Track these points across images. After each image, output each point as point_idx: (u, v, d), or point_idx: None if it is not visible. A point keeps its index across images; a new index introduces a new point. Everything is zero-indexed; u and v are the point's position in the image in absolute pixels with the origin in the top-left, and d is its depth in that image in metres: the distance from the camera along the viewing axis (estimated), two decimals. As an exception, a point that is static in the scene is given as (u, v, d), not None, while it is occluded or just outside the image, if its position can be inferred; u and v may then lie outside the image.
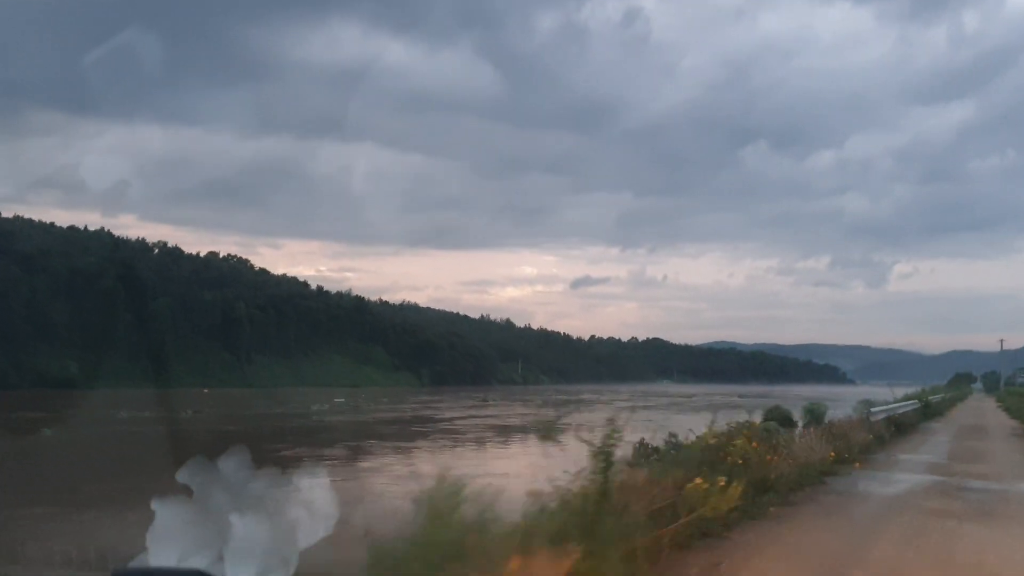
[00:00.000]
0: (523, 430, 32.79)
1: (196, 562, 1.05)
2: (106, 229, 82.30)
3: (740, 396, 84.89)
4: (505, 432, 35.39)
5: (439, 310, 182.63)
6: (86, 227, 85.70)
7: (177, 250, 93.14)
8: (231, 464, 1.15)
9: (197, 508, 1.14)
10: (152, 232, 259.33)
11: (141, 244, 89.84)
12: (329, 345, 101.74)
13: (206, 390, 76.45)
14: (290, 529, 1.12)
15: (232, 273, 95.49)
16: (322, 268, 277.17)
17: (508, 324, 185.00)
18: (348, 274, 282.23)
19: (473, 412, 47.48)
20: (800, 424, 25.80)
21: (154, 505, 1.11)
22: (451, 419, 39.92)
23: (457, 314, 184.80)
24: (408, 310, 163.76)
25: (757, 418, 35.89)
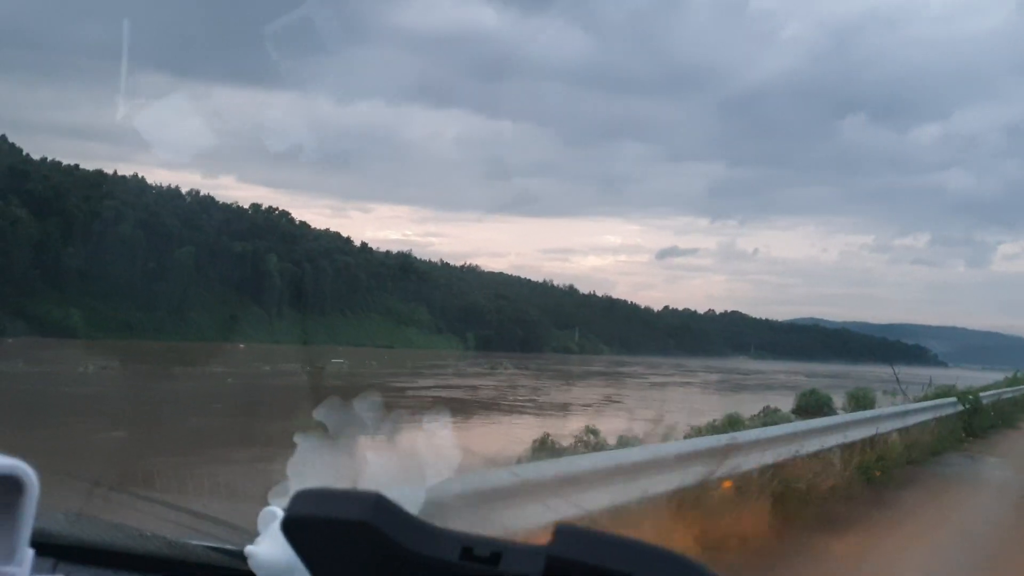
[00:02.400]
0: (476, 407, 26.36)
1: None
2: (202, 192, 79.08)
3: (807, 376, 77.02)
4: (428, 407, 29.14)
5: (506, 274, 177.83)
6: (115, 172, 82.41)
7: (209, 198, 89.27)
8: (363, 404, 1.26)
9: (333, 444, 1.23)
10: (248, 194, 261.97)
11: (171, 191, 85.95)
12: (369, 304, 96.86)
13: (242, 345, 72.93)
14: (418, 466, 1.21)
15: (267, 225, 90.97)
16: (408, 233, 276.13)
17: (571, 290, 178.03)
18: (433, 239, 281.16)
19: (460, 381, 41.12)
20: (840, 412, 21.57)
21: (295, 439, 1.20)
22: (414, 388, 33.68)
23: (519, 278, 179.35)
24: (468, 273, 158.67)
25: (787, 404, 27.37)
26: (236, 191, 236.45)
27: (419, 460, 1.25)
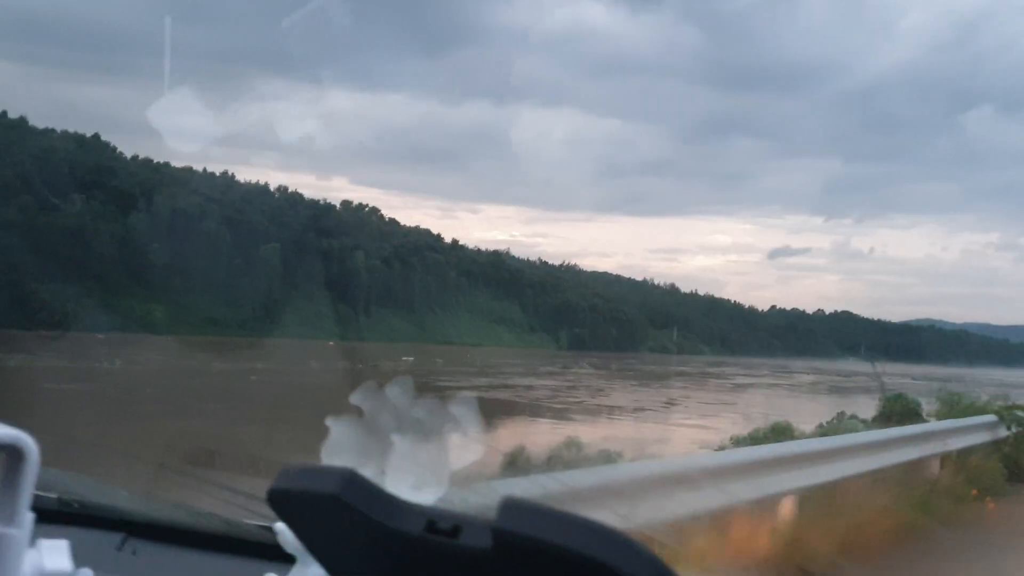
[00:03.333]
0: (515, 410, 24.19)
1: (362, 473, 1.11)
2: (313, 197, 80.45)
3: (914, 379, 71.78)
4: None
5: (608, 273, 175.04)
6: (204, 168, 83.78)
7: (297, 195, 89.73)
8: (397, 390, 1.21)
9: (366, 427, 1.22)
10: (360, 194, 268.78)
11: (259, 187, 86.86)
12: (459, 301, 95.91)
13: (331, 343, 73.15)
14: (444, 451, 1.18)
15: (355, 222, 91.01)
16: (515, 233, 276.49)
17: (672, 289, 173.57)
18: (539, 239, 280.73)
19: (519, 381, 38.88)
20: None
21: (328, 422, 1.20)
22: (459, 386, 31.73)
23: (618, 277, 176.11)
24: (566, 271, 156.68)
25: (868, 409, 24.46)
26: (349, 193, 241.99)
27: (446, 444, 1.18)
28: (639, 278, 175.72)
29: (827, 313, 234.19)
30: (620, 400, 27.77)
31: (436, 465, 1.16)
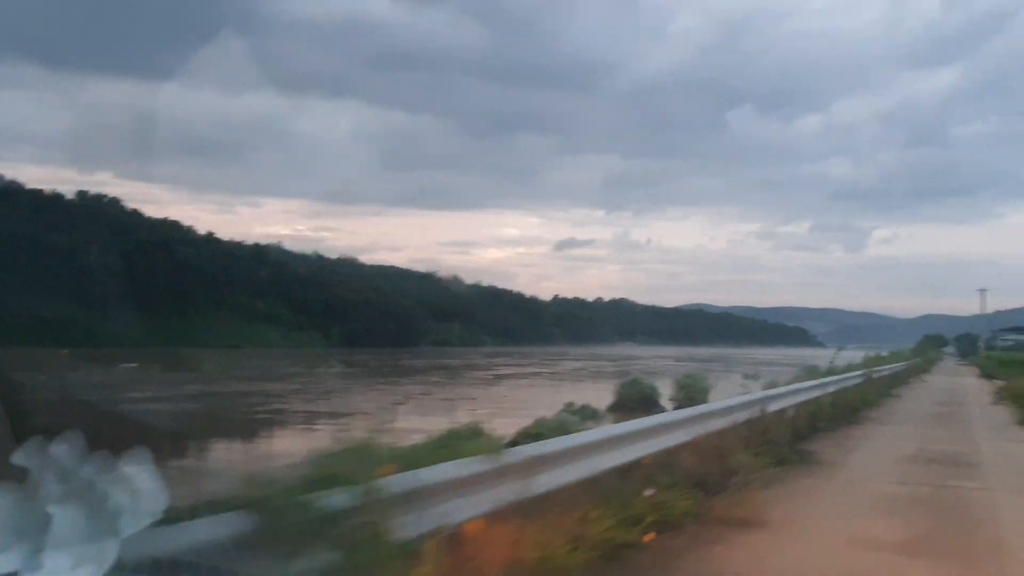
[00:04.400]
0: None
1: (15, 554, 1.15)
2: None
3: (677, 360, 73.02)
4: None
5: (391, 266, 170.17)
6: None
7: (15, 184, 78.46)
8: (65, 448, 1.18)
9: (27, 495, 1.16)
10: (128, 190, 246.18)
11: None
12: (216, 299, 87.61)
13: (65, 352, 63.62)
14: (112, 517, 1.15)
15: (89, 214, 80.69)
16: (300, 227, 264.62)
17: (455, 281, 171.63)
18: (326, 233, 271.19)
19: (221, 388, 33.54)
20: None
21: None
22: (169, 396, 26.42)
23: (400, 269, 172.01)
24: (343, 265, 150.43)
25: (603, 397, 21.62)
26: (114, 188, 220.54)
27: (115, 508, 1.16)
28: (428, 271, 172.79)
29: (606, 301, 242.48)
30: (339, 404, 23.72)
31: (101, 537, 1.10)
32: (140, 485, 1.21)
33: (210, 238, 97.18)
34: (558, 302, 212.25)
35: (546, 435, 10.93)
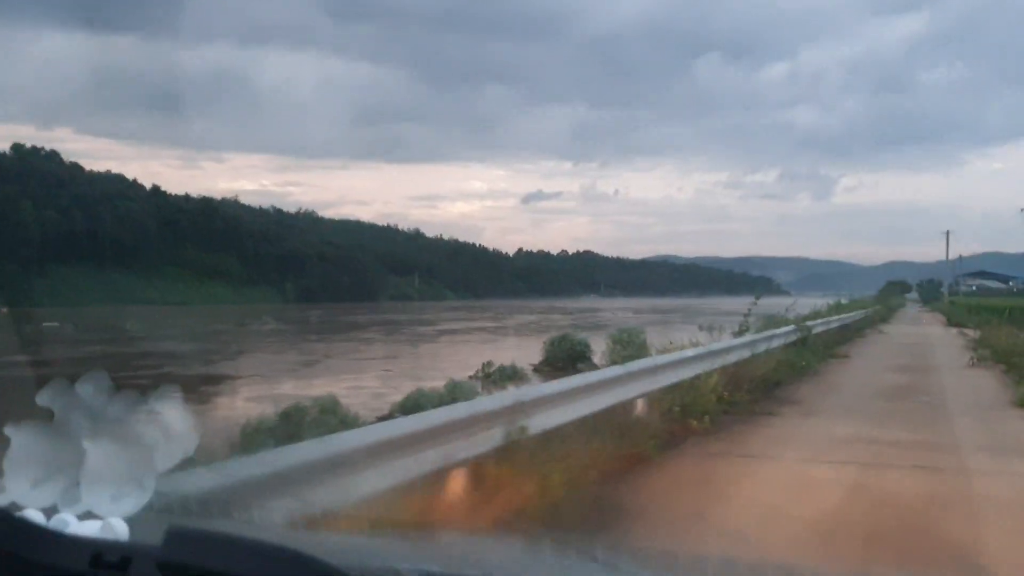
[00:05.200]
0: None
1: (52, 488, 1.18)
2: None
3: (637, 312, 71.65)
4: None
5: (350, 220, 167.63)
6: None
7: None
8: (91, 387, 1.21)
9: (56, 432, 1.19)
10: (89, 146, 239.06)
11: None
12: (162, 255, 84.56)
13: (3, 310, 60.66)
14: (147, 453, 1.18)
15: (23, 168, 76.98)
16: (265, 182, 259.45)
17: (417, 235, 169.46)
18: (292, 188, 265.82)
19: (157, 347, 31.32)
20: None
21: (7, 431, 1.19)
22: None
23: (359, 223, 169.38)
24: (302, 219, 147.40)
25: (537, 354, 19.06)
26: (75, 144, 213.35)
27: (150, 445, 1.19)
28: (390, 225, 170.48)
29: (571, 254, 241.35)
30: (240, 366, 21.60)
31: (137, 472, 1.12)
32: (171, 422, 1.19)
33: (156, 192, 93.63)
34: (522, 255, 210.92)
35: (425, 407, 9.00)
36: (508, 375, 16.01)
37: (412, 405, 9.52)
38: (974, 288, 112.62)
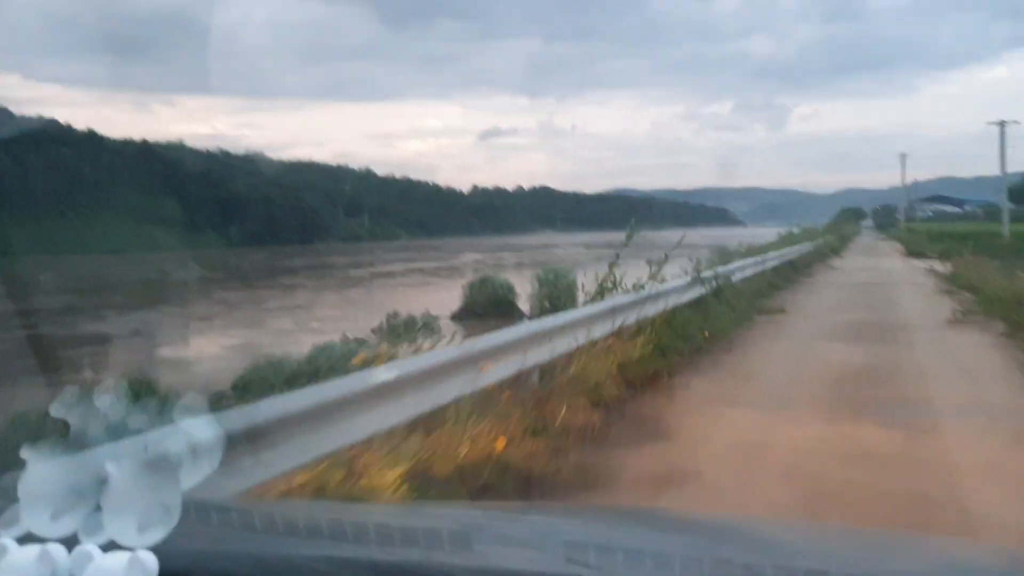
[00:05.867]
0: None
1: (72, 517, 1.09)
2: None
3: (587, 247, 70.92)
4: None
5: (301, 161, 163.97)
6: None
7: None
8: (107, 396, 1.12)
9: (72, 451, 1.11)
10: (38, 93, 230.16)
11: None
12: (99, 201, 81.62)
13: None
14: (173, 472, 1.10)
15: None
16: (219, 125, 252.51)
17: (368, 174, 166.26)
18: (246, 131, 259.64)
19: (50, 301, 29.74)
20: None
21: (23, 454, 1.08)
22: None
23: (310, 163, 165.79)
24: (248, 161, 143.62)
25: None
26: (22, 91, 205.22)
27: (175, 463, 1.10)
28: (340, 164, 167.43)
29: (527, 190, 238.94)
30: (128, 324, 20.15)
31: (162, 494, 1.04)
32: (196, 433, 1.10)
33: (91, 136, 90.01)
34: (477, 192, 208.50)
35: (274, 383, 8.05)
36: (416, 327, 15.00)
37: (258, 380, 8.44)
38: (930, 213, 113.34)
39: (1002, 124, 43.65)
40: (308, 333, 14.43)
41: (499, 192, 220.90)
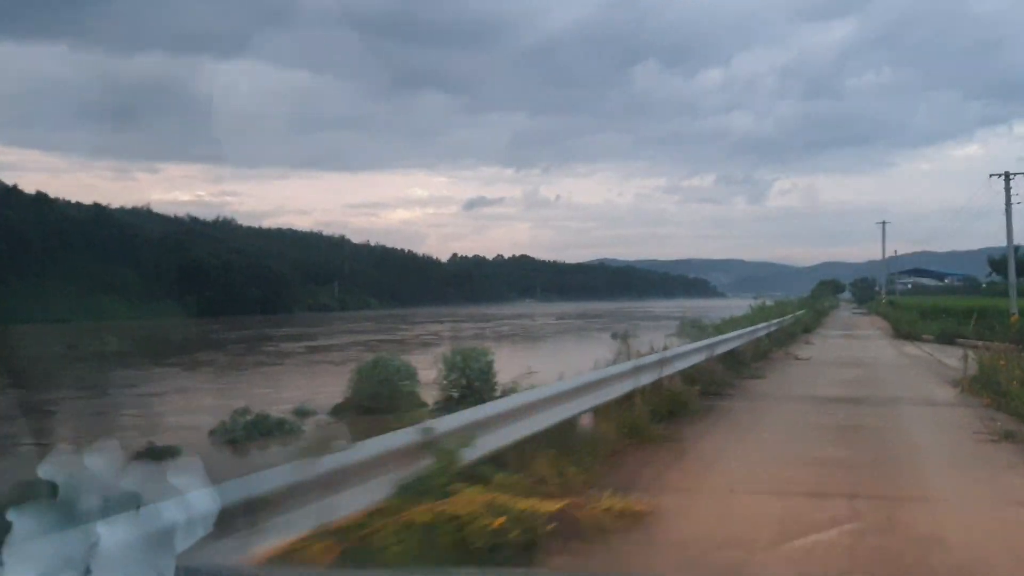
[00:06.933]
0: None
1: None
2: None
3: (559, 319, 67.05)
4: None
5: (277, 229, 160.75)
6: None
7: None
8: (101, 458, 1.09)
9: (62, 512, 1.06)
10: (18, 158, 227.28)
11: None
12: (47, 268, 77.14)
13: None
14: (167, 535, 1.07)
15: None
16: (201, 193, 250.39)
17: (342, 241, 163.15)
18: (229, 199, 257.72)
19: None
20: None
21: (10, 516, 1.03)
22: None
23: (280, 230, 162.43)
24: (218, 228, 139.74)
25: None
26: (2, 156, 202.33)
27: (169, 526, 1.06)
28: (320, 232, 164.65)
29: (507, 258, 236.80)
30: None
31: (156, 558, 1.01)
32: (189, 493, 1.08)
33: (40, 198, 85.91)
34: (456, 261, 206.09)
35: None
36: (265, 430, 10.51)
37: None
38: (909, 286, 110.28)
39: (1007, 176, 37.61)
40: (132, 431, 10.36)
41: (478, 261, 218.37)
